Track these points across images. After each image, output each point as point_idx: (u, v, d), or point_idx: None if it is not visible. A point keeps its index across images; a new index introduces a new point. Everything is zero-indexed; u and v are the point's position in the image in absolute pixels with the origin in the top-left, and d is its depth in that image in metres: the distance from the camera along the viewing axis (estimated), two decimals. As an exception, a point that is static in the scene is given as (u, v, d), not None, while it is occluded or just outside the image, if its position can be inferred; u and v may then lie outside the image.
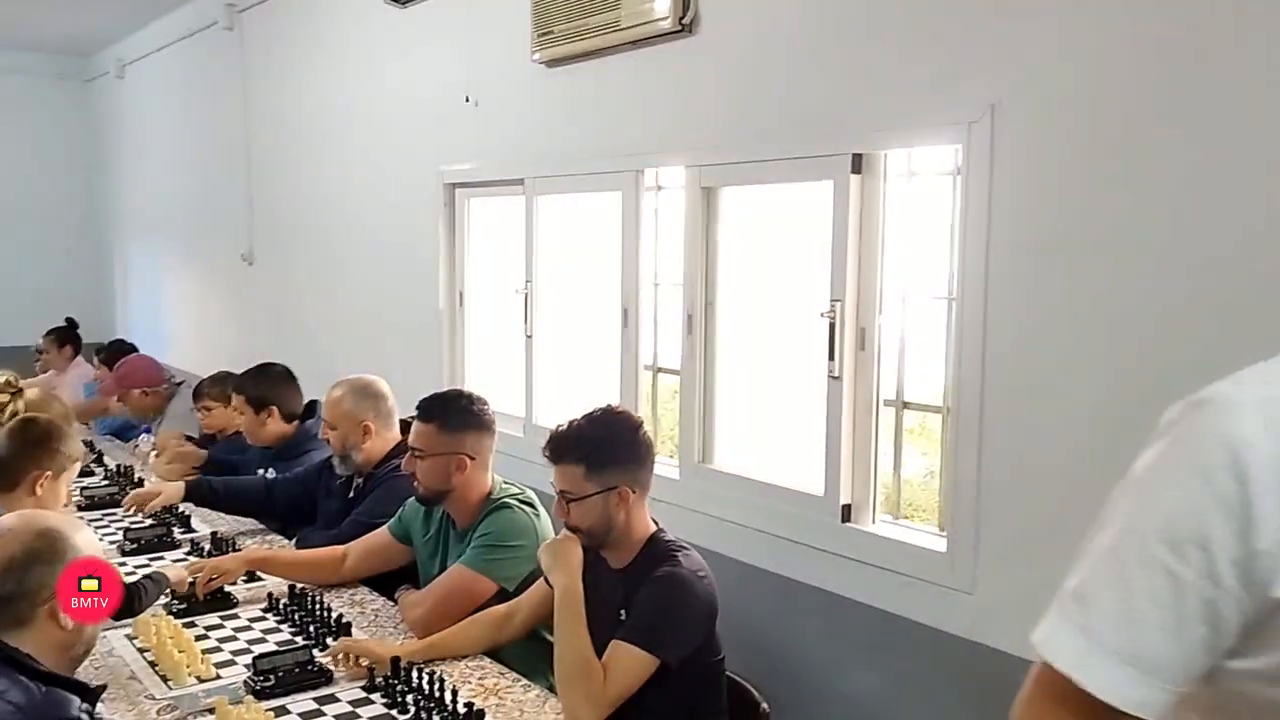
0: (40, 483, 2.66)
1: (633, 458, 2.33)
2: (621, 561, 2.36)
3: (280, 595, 2.81)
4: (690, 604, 2.23)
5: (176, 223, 7.24)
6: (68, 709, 1.62)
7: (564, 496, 2.30)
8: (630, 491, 2.29)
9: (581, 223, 3.79)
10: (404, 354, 4.49)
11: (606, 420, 2.34)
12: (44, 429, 2.75)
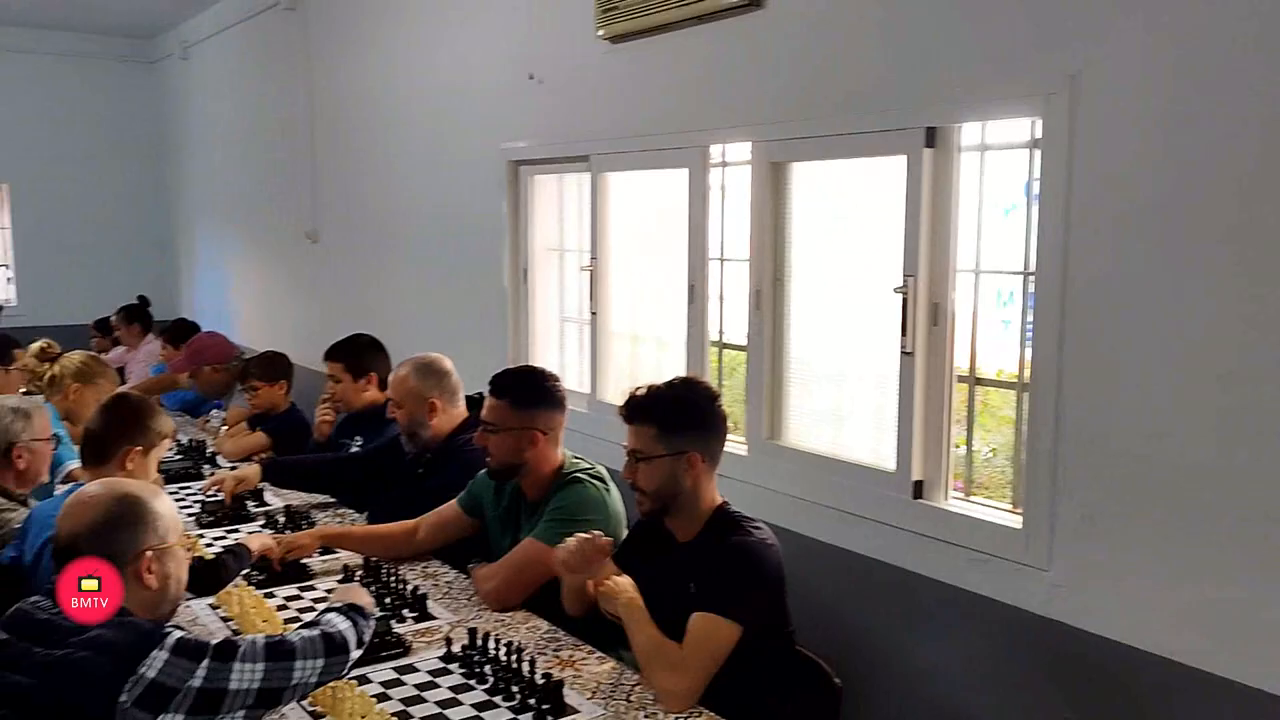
0: (130, 458, 2.70)
1: (706, 426, 2.35)
2: (688, 533, 2.38)
3: (355, 567, 2.86)
4: (763, 571, 2.26)
5: (241, 202, 7.35)
6: (158, 633, 1.71)
7: (634, 456, 2.35)
8: (700, 459, 2.32)
9: (647, 199, 3.79)
10: (468, 332, 4.53)
11: (685, 387, 2.39)
12: (135, 405, 2.80)
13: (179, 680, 1.64)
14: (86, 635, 1.68)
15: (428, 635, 2.47)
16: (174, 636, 1.69)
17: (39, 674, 1.65)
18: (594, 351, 3.92)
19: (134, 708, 1.61)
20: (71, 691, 1.62)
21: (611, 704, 2.13)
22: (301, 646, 1.80)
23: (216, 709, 1.67)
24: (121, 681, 1.61)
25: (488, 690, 2.17)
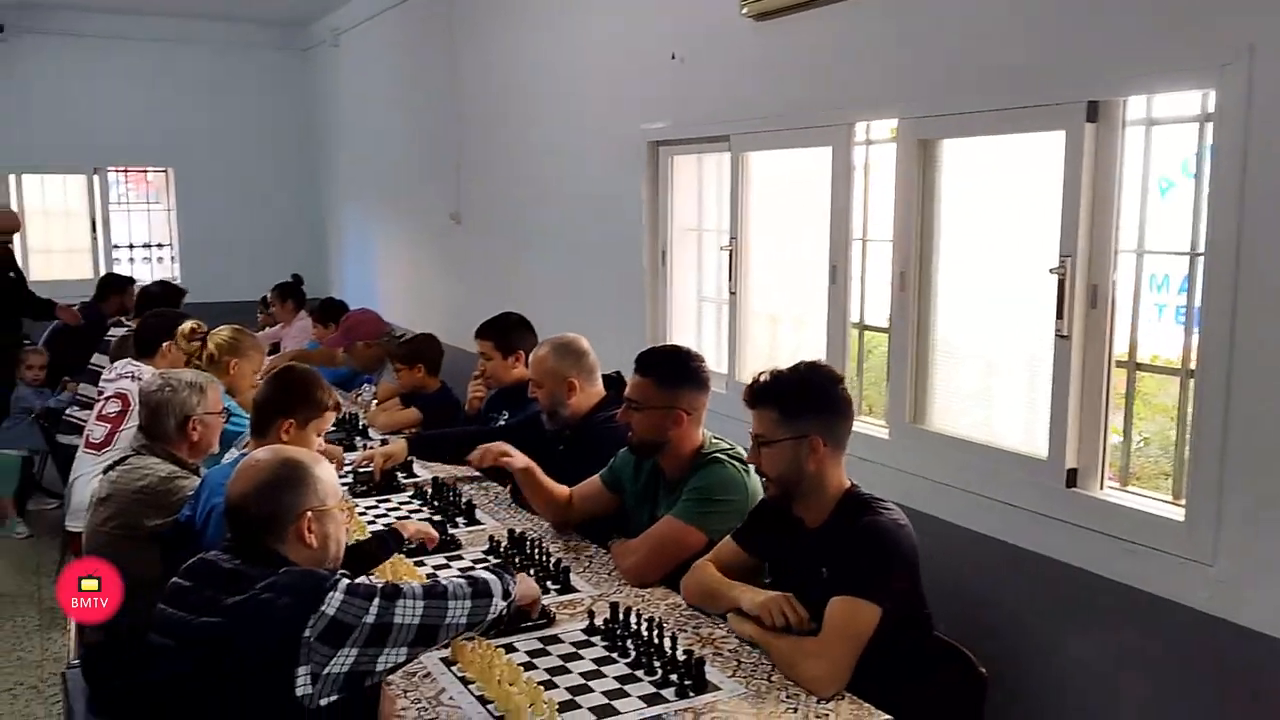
0: (287, 430, 2.77)
1: (829, 409, 2.33)
2: (816, 518, 2.36)
3: (501, 539, 2.94)
4: (898, 552, 2.22)
5: (388, 184, 7.59)
6: (323, 575, 1.85)
7: (757, 441, 2.34)
8: (822, 442, 2.29)
9: (787, 178, 3.75)
10: (607, 312, 4.58)
11: (808, 371, 2.37)
12: (298, 379, 2.87)
13: (355, 617, 1.77)
14: (269, 581, 1.80)
15: (570, 608, 2.52)
16: (345, 581, 1.83)
17: (231, 615, 1.78)
18: (732, 332, 3.91)
19: (317, 641, 1.74)
20: (262, 629, 1.75)
21: (753, 683, 2.13)
22: (452, 589, 1.94)
23: (384, 642, 1.81)
24: (304, 619, 1.74)
25: (629, 664, 2.21)
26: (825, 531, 2.32)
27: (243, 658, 1.75)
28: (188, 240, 9.11)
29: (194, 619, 1.83)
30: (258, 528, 1.94)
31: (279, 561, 1.91)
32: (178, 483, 2.96)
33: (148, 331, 4.48)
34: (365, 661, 1.79)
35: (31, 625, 4.68)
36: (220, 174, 8.99)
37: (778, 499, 2.38)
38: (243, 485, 1.97)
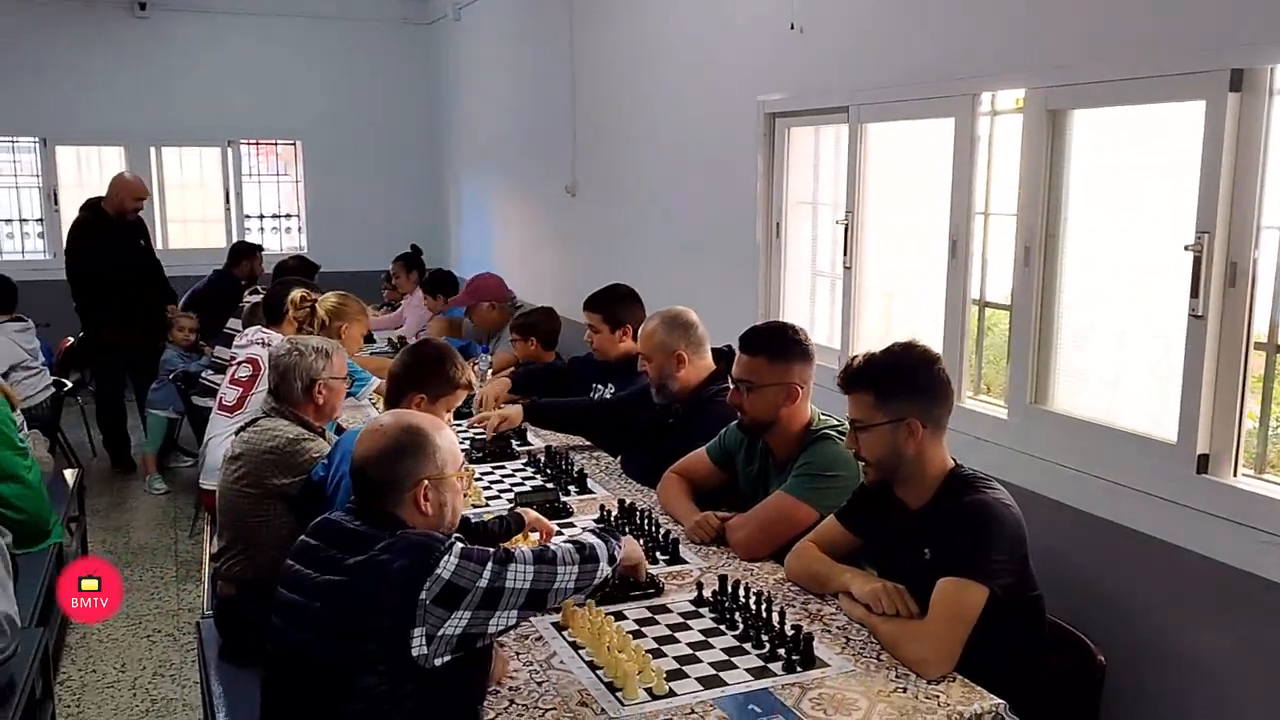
0: (417, 404, 2.80)
1: (926, 391, 2.29)
2: (919, 500, 2.32)
3: (611, 509, 2.98)
4: (1003, 530, 2.17)
5: (505, 156, 7.70)
6: (439, 539, 1.90)
7: (854, 425, 2.32)
8: (920, 425, 2.25)
9: (907, 150, 3.67)
10: (718, 286, 4.56)
11: (902, 352, 2.33)
12: (433, 353, 2.91)
13: (469, 581, 1.83)
14: (387, 543, 1.87)
15: (679, 579, 2.54)
16: (459, 545, 1.88)
17: (351, 574, 1.85)
18: (846, 308, 3.85)
19: (433, 604, 1.80)
20: (379, 590, 1.81)
21: (861, 660, 2.12)
22: (561, 555, 1.98)
23: (496, 605, 1.86)
24: (420, 582, 1.80)
25: (737, 636, 2.22)
26: (928, 513, 2.29)
27: (361, 616, 1.81)
28: (314, 211, 9.41)
29: (318, 576, 1.91)
30: (377, 491, 2.00)
31: (397, 524, 1.96)
32: (304, 444, 3.08)
33: (276, 300, 4.66)
34: (477, 624, 1.84)
35: (169, 576, 4.95)
36: (345, 147, 9.25)
37: (877, 483, 2.35)
38: (365, 449, 2.03)
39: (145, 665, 4.05)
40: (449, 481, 2.05)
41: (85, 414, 6.94)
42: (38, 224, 8.70)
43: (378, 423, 2.09)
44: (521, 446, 3.75)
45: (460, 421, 4.04)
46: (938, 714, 1.93)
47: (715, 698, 1.97)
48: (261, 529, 3.02)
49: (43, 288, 6.05)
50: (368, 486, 2.01)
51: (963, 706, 1.95)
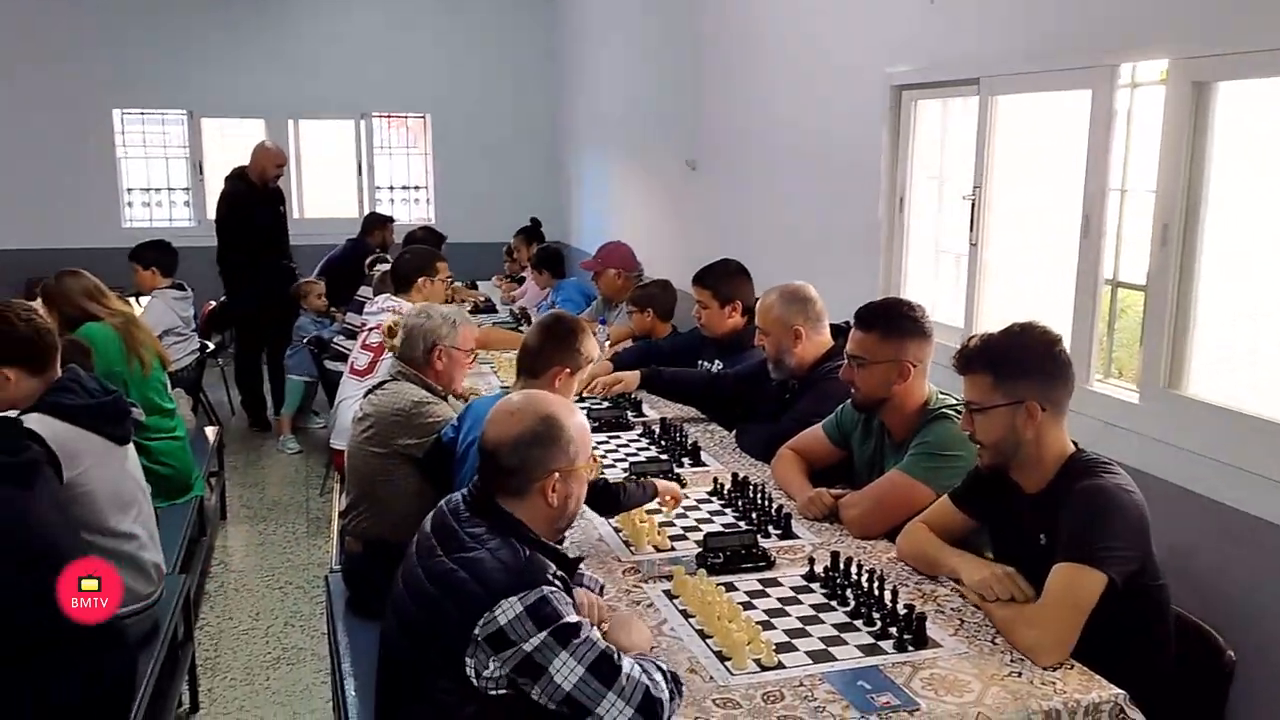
0: (559, 378, 2.86)
1: (1045, 373, 2.22)
2: (1036, 484, 2.26)
3: (724, 482, 2.99)
4: (1121, 516, 2.10)
5: (626, 129, 7.73)
6: (543, 574, 1.84)
7: (970, 407, 2.26)
8: (1040, 408, 2.19)
9: (1039, 123, 3.55)
10: (840, 261, 4.51)
11: (1021, 333, 2.26)
12: (569, 327, 2.95)
13: (518, 638, 1.75)
14: (475, 556, 1.84)
15: (790, 553, 2.54)
16: (536, 595, 1.77)
17: (435, 582, 1.86)
18: (971, 285, 3.76)
19: (484, 641, 1.76)
20: (448, 607, 1.81)
21: (975, 643, 2.09)
22: (624, 682, 1.76)
23: (534, 680, 1.74)
24: (479, 616, 1.76)
25: (848, 613, 2.21)
26: (1044, 498, 2.23)
27: (430, 624, 1.83)
28: (441, 183, 9.64)
29: (416, 568, 1.92)
30: (502, 476, 1.97)
31: (507, 521, 1.93)
32: (428, 407, 3.18)
33: (404, 268, 4.81)
34: (517, 683, 1.76)
35: (300, 532, 5.19)
36: (472, 121, 9.43)
37: (992, 467, 2.30)
38: (498, 432, 1.98)
39: (277, 615, 4.26)
40: (578, 473, 2.02)
41: (225, 375, 7.30)
42: (184, 193, 9.14)
43: (511, 404, 2.04)
44: (636, 418, 3.80)
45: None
46: (1054, 701, 1.89)
47: (824, 672, 1.97)
48: (387, 488, 3.15)
49: (188, 254, 6.36)
50: (496, 470, 1.97)
51: (1080, 695, 1.91)
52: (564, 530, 2.09)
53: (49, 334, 2.79)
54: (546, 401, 2.07)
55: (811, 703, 1.86)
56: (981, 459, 2.31)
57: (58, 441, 2.63)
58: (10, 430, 2.40)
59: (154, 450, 3.92)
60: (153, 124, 9.05)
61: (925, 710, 1.84)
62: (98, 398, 2.86)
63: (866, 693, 1.89)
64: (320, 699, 3.55)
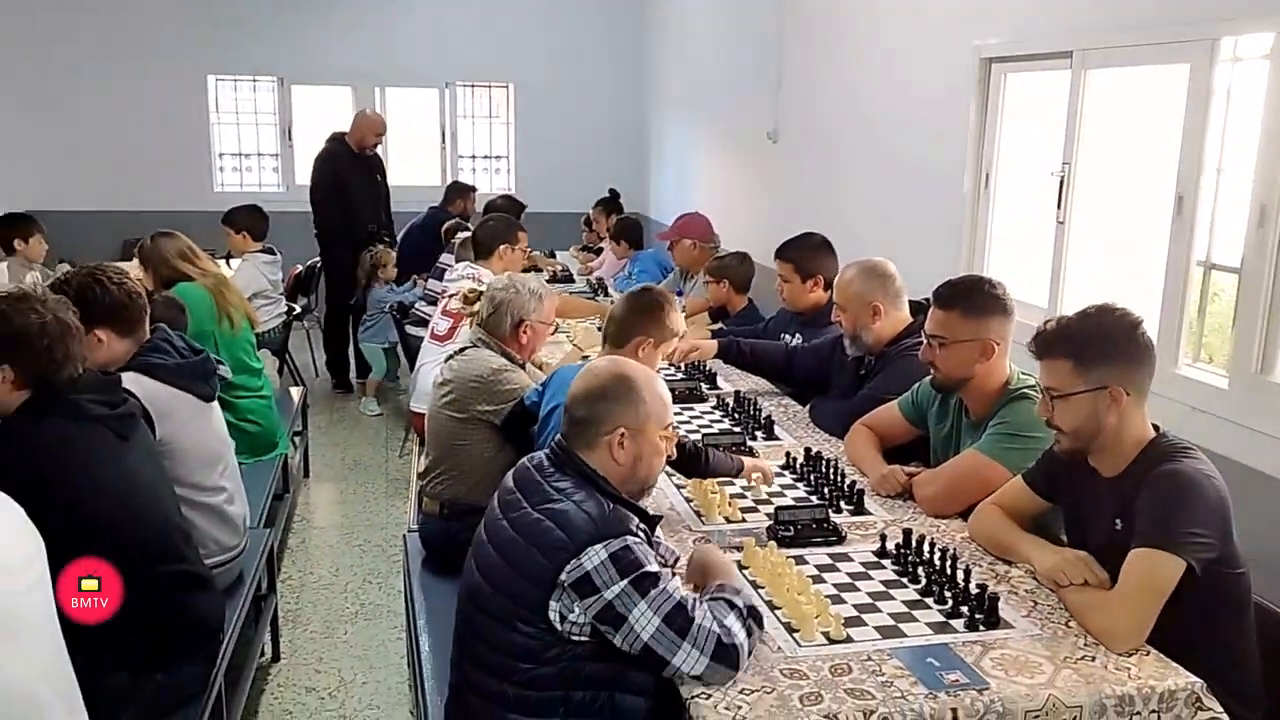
0: (642, 348, 2.91)
1: (1128, 357, 2.16)
2: (1114, 468, 2.22)
3: (797, 456, 2.99)
4: (1201, 502, 2.05)
5: (708, 100, 7.69)
6: (628, 524, 1.91)
7: (1049, 393, 2.21)
8: (1123, 393, 2.14)
9: (1133, 98, 3.45)
10: (921, 236, 4.44)
11: (1101, 316, 2.20)
12: (655, 299, 3.00)
13: (601, 584, 1.83)
14: (560, 507, 1.92)
15: (862, 529, 2.54)
16: (620, 544, 1.85)
17: (521, 531, 1.93)
18: (1057, 264, 3.68)
19: (570, 588, 1.84)
20: (534, 554, 1.88)
21: (1048, 626, 2.07)
22: (696, 631, 1.81)
23: (615, 628, 1.82)
24: (565, 562, 1.84)
25: (919, 590, 2.21)
26: (1122, 481, 2.18)
27: (519, 571, 1.89)
28: (522, 153, 9.69)
29: (501, 519, 1.99)
30: (577, 430, 2.05)
31: (586, 473, 2.00)
32: (506, 375, 3.23)
33: (486, 235, 4.86)
34: (600, 628, 1.83)
35: (379, 492, 5.32)
36: (553, 90, 9.45)
37: (1071, 452, 2.25)
38: (576, 387, 2.10)
39: (356, 571, 4.38)
40: (648, 437, 2.06)
41: (310, 338, 7.48)
42: (273, 159, 9.34)
43: (595, 364, 2.16)
44: (711, 390, 3.81)
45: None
46: (1127, 686, 1.87)
47: (893, 648, 1.97)
48: (464, 452, 3.21)
49: (276, 219, 6.51)
50: (570, 422, 2.07)
51: (1155, 681, 1.88)
52: (637, 495, 2.11)
53: (139, 297, 2.90)
54: (626, 365, 2.16)
55: (879, 677, 1.87)
56: (1060, 444, 2.27)
57: (150, 400, 2.73)
58: (110, 384, 2.50)
59: (241, 408, 4.05)
60: (244, 91, 9.25)
61: (995, 690, 1.83)
62: (186, 357, 2.97)
63: (935, 670, 1.89)
64: (395, 654, 3.66)
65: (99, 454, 2.33)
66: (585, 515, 1.89)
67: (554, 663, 1.86)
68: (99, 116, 8.63)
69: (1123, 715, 1.86)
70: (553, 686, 1.86)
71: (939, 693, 1.82)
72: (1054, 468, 2.35)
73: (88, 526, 2.13)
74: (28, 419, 2.27)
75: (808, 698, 1.81)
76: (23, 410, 2.28)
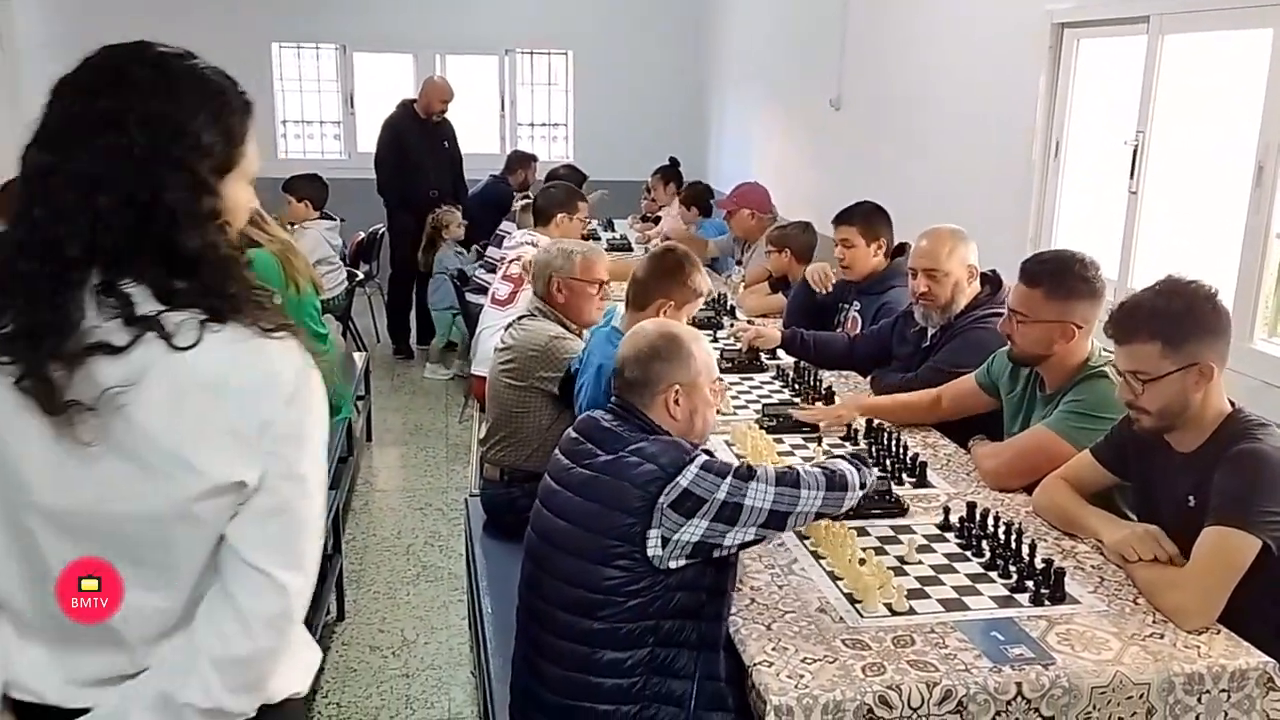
0: (663, 310, 2.90)
1: (1213, 330, 2.11)
2: (1190, 444, 2.16)
3: (858, 429, 2.98)
4: (1277, 481, 1.99)
5: (768, 70, 7.60)
6: (685, 448, 1.98)
7: (1136, 377, 2.13)
8: (1212, 369, 2.08)
9: (1211, 65, 3.35)
10: (987, 207, 4.36)
11: (1180, 291, 2.12)
12: (677, 260, 2.99)
13: (707, 491, 1.90)
14: (637, 445, 1.98)
15: (924, 502, 2.52)
16: (702, 457, 1.96)
17: (602, 471, 1.99)
18: (1128, 235, 3.60)
19: (670, 509, 1.89)
20: (624, 489, 1.93)
21: (1115, 602, 2.05)
22: (805, 479, 1.98)
23: (735, 520, 1.91)
24: (662, 486, 1.90)
25: (983, 564, 2.19)
26: (1197, 458, 2.14)
27: (605, 512, 1.93)
28: (581, 120, 9.67)
29: (573, 468, 2.05)
30: (631, 390, 2.10)
31: (649, 426, 2.06)
32: (562, 342, 3.25)
33: (546, 202, 4.87)
34: (714, 535, 1.90)
35: (440, 456, 5.39)
36: (613, 58, 9.40)
37: (1156, 431, 2.19)
38: (625, 350, 2.15)
39: (418, 534, 4.45)
40: (700, 391, 2.12)
41: (372, 304, 7.58)
42: (335, 126, 9.42)
43: (641, 327, 2.20)
44: (770, 359, 3.79)
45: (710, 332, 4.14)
46: (1197, 664, 1.84)
47: (956, 620, 1.97)
48: (524, 419, 3.24)
49: (338, 186, 6.59)
50: (623, 385, 2.12)
51: (1226, 660, 1.86)
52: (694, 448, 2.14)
53: None
54: (671, 324, 2.25)
55: (942, 649, 1.86)
56: (1141, 423, 2.19)
57: None
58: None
59: (306, 374, 4.11)
60: (307, 58, 9.33)
61: (1060, 665, 1.82)
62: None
63: (1000, 643, 1.88)
64: (456, 616, 3.72)
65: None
66: (664, 446, 1.97)
67: (644, 594, 1.90)
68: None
69: (1191, 694, 1.83)
70: (643, 617, 1.91)
71: (1003, 667, 1.81)
72: (1124, 442, 2.31)
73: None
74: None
75: (870, 668, 1.81)
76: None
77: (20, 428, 1.20)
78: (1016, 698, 1.78)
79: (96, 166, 1.18)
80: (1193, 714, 1.84)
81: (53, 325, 1.17)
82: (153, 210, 1.19)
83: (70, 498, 1.24)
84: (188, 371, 1.19)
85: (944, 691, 1.76)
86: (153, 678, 1.28)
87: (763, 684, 1.78)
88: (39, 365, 1.16)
